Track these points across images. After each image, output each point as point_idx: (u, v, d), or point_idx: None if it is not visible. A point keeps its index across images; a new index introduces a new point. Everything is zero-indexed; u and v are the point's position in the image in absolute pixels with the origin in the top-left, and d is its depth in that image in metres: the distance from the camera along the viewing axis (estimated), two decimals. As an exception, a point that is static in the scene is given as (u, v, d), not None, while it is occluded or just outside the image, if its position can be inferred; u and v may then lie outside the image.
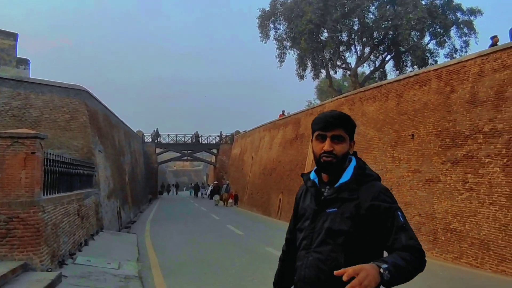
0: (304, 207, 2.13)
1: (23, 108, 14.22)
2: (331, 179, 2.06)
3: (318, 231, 2.00)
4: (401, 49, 29.86)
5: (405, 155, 13.47)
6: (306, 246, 2.03)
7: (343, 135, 2.01)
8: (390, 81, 15.70)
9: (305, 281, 1.99)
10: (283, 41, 32.02)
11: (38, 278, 6.90)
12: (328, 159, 1.98)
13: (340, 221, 1.95)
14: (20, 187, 7.76)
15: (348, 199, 1.96)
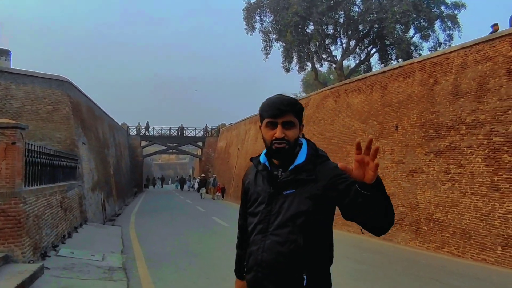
0: (256, 191, 2.09)
1: (3, 99, 13.99)
2: (283, 162, 2.04)
3: (275, 214, 1.98)
4: (386, 42, 30.03)
5: (389, 146, 13.58)
6: (263, 230, 2.00)
7: (293, 121, 2.00)
8: (375, 73, 15.78)
9: (263, 266, 1.97)
10: (269, 34, 31.95)
11: (20, 270, 6.81)
12: (280, 145, 1.97)
13: (300, 202, 1.94)
14: (0, 178, 7.64)
15: (306, 180, 1.96)
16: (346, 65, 35.77)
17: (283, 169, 2.02)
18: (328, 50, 32.46)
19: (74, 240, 11.23)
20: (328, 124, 17.87)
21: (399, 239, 12.22)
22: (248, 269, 2.06)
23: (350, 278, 7.61)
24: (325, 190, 1.93)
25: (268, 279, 1.96)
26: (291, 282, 1.93)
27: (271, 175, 2.04)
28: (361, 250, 10.97)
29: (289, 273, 1.93)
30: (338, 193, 1.88)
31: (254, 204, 2.08)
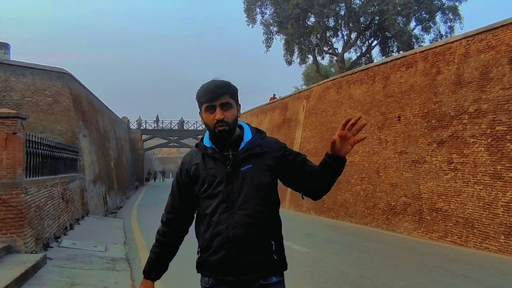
0: (211, 174, 2.13)
1: (2, 91, 13.95)
2: (229, 143, 2.14)
3: (238, 190, 2.07)
4: (387, 35, 29.92)
5: (391, 137, 13.53)
6: (228, 208, 2.07)
7: (230, 102, 2.11)
8: (377, 63, 15.70)
9: (235, 241, 2.04)
10: (270, 26, 31.81)
11: (22, 260, 6.80)
12: (222, 127, 2.07)
13: (259, 175, 2.09)
14: (1, 168, 7.61)
15: (260, 153, 2.11)
16: (347, 57, 35.69)
17: (232, 148, 2.13)
18: (329, 43, 32.33)
19: (76, 231, 11.23)
20: (330, 115, 17.81)
21: (401, 229, 12.20)
22: (215, 249, 2.09)
23: (354, 266, 7.60)
24: (277, 161, 2.12)
25: (242, 252, 2.04)
26: (262, 250, 2.07)
27: (223, 156, 2.12)
28: (364, 239, 10.96)
29: (260, 242, 2.07)
30: (287, 164, 2.12)
31: (211, 187, 2.12)
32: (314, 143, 18.82)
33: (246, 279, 2.07)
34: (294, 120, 21.84)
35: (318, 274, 7.04)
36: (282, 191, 21.32)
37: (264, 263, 2.07)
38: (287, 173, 2.14)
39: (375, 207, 13.72)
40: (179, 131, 46.17)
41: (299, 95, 22.51)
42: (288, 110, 23.24)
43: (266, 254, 2.08)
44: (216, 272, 2.11)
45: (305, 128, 20.01)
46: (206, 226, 2.13)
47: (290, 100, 23.40)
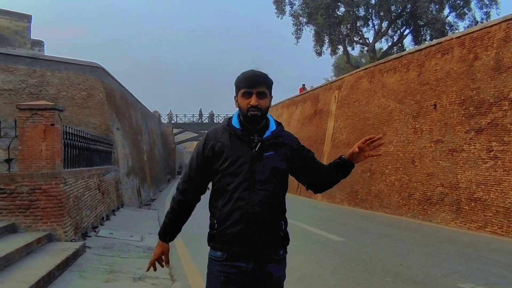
0: (237, 153, 2.29)
1: (39, 85, 14.30)
2: (255, 129, 2.33)
3: (261, 171, 2.26)
4: (420, 23, 29.18)
5: (427, 125, 13.22)
6: (249, 187, 2.25)
7: (266, 92, 2.31)
8: (411, 51, 15.35)
9: (253, 217, 2.23)
10: (299, 17, 31.51)
11: (63, 248, 6.95)
12: (254, 112, 2.27)
13: (277, 161, 2.31)
14: (41, 159, 7.79)
15: (282, 143, 2.35)
16: (378, 47, 35.05)
17: (258, 134, 2.32)
18: (359, 33, 31.80)
19: (112, 222, 11.43)
20: (363, 105, 17.55)
21: (438, 219, 11.93)
22: (234, 222, 2.25)
23: (392, 255, 7.47)
24: (293, 153, 2.39)
25: (257, 228, 2.23)
26: (275, 228, 2.31)
27: (250, 139, 2.31)
28: (400, 229, 10.76)
29: (273, 221, 2.30)
30: (300, 157, 2.41)
31: (235, 165, 2.28)
32: (346, 134, 18.60)
33: (259, 253, 2.26)
34: (326, 111, 21.63)
35: (356, 262, 6.94)
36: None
37: (274, 239, 2.30)
38: (299, 165, 2.42)
39: (410, 197, 13.46)
40: (210, 125, 46.47)
41: (330, 85, 22.27)
42: (319, 101, 23.04)
43: (277, 231, 2.31)
44: (232, 244, 2.27)
45: (337, 118, 19.80)
46: (226, 201, 2.29)
47: (322, 91, 23.19)
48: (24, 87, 13.73)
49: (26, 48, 27.18)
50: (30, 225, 7.42)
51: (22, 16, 28.53)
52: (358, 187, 16.80)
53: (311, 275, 6.19)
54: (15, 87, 13.58)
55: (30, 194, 7.50)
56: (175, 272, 6.75)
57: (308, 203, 19.09)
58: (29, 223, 7.43)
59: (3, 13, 27.34)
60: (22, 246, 6.21)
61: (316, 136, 22.39)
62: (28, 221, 7.43)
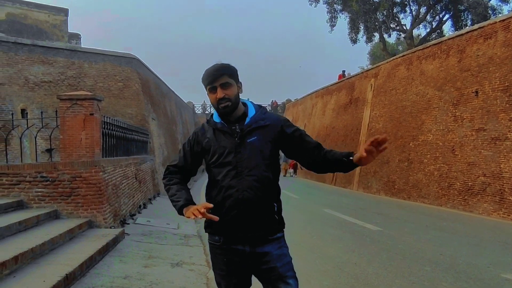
0: (221, 145, 2.42)
1: (78, 77, 14.71)
2: (236, 119, 2.45)
3: (247, 159, 2.37)
4: (460, 7, 28.30)
5: (468, 113, 12.89)
6: (237, 174, 2.36)
7: (229, 81, 2.40)
8: (451, 36, 14.96)
9: (245, 202, 2.34)
10: (334, 4, 31.12)
11: (103, 233, 7.19)
12: (224, 104, 2.38)
13: (264, 145, 2.40)
14: (81, 147, 8.05)
15: (264, 126, 2.42)
16: (416, 34, 34.26)
17: (239, 123, 2.43)
18: (396, 19, 31.13)
19: (149, 210, 11.71)
20: (400, 93, 17.26)
21: (480, 210, 11.67)
22: (227, 210, 2.36)
23: (432, 244, 7.38)
24: (278, 133, 2.44)
25: (250, 212, 2.34)
26: (267, 211, 2.40)
27: (231, 129, 2.42)
28: (440, 220, 10.59)
29: (266, 204, 2.39)
30: (286, 136, 2.46)
31: (222, 156, 2.41)
32: (383, 123, 18.35)
33: (253, 235, 2.38)
34: (362, 99, 21.38)
35: (394, 251, 6.89)
36: (350, 173, 21.05)
37: (267, 222, 2.41)
38: (287, 145, 2.49)
39: (450, 187, 13.20)
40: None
41: (366, 73, 21.97)
42: (355, 89, 22.78)
43: (270, 214, 2.41)
44: (226, 229, 2.40)
45: (374, 107, 19.54)
46: (217, 191, 2.42)
47: (357, 80, 22.91)
48: (63, 79, 14.16)
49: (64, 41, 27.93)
50: (72, 212, 7.71)
51: (59, 10, 29.29)
52: (395, 177, 16.58)
53: (349, 263, 6.20)
54: (55, 79, 14.01)
55: (71, 182, 7.78)
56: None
57: (343, 192, 19.01)
58: (70, 210, 7.71)
59: (41, 7, 28.16)
60: (65, 232, 6.47)
61: (352, 126, 22.18)
62: (70, 208, 7.72)
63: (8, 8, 26.42)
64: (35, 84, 13.54)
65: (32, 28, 27.26)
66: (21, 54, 13.32)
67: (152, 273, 5.77)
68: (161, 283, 5.29)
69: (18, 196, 7.57)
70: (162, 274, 5.82)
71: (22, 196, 7.60)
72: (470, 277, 5.40)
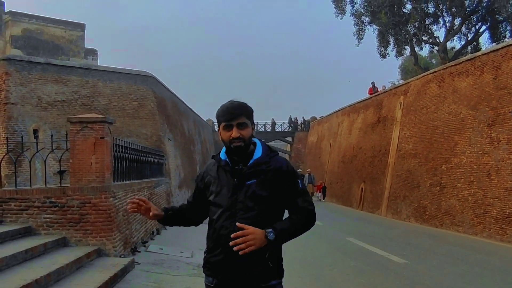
0: (221, 184, 2.53)
1: (91, 96, 15.07)
2: (242, 159, 2.51)
3: (242, 201, 2.44)
4: (499, 18, 28.05)
5: (505, 135, 12.71)
6: (231, 215, 2.45)
7: (246, 122, 2.49)
8: (486, 51, 14.85)
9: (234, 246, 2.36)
10: (361, 16, 31.19)
11: (112, 263, 7.31)
12: (238, 144, 2.45)
13: (261, 189, 2.45)
14: (91, 172, 8.23)
15: (265, 171, 2.48)
16: (450, 46, 34.01)
17: (243, 163, 2.50)
18: (429, 31, 30.97)
19: (163, 237, 11.82)
20: (431, 112, 17.13)
21: (518, 240, 11.42)
22: (218, 252, 2.47)
23: (462, 281, 7.28)
24: (280, 181, 2.49)
25: (239, 257, 2.35)
26: (257, 257, 2.39)
27: (233, 169, 2.51)
28: (474, 251, 10.40)
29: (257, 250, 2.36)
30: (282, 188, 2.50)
31: (219, 195, 2.52)
32: (413, 144, 18.20)
33: (243, 281, 2.44)
34: (390, 118, 21.28)
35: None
36: (378, 197, 20.86)
37: (259, 268, 2.43)
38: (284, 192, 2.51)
39: (486, 214, 12.96)
40: (265, 133, 46.69)
41: (395, 90, 21.90)
42: (383, 107, 22.70)
43: (260, 261, 2.42)
44: (217, 272, 2.49)
45: (403, 127, 19.42)
46: (212, 230, 2.53)
47: (386, 97, 22.84)
48: (77, 98, 14.54)
49: (80, 57, 28.75)
50: (81, 239, 7.86)
51: (76, 25, 30.19)
52: (426, 202, 16.36)
53: (369, 300, 6.15)
54: (68, 98, 14.41)
55: (80, 208, 7.95)
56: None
57: (370, 218, 18.83)
58: (79, 237, 7.87)
59: (57, 22, 29.10)
60: (72, 261, 6.60)
61: (380, 146, 22.05)
62: (79, 235, 7.87)
63: (25, 24, 27.39)
64: (48, 104, 13.95)
65: (48, 44, 28.14)
66: (35, 73, 13.76)
67: (160, 308, 5.84)
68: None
69: (27, 222, 7.78)
70: (171, 309, 5.88)
71: (30, 222, 7.80)
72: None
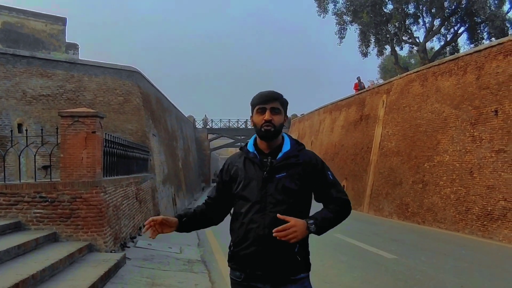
0: (249, 176, 2.51)
1: (77, 90, 14.85)
2: (270, 151, 2.53)
3: (272, 194, 2.44)
4: (477, 20, 28.54)
5: (487, 134, 12.95)
6: (261, 209, 2.43)
7: (279, 108, 2.52)
8: (469, 52, 15.09)
9: (264, 240, 2.39)
10: (343, 15, 31.37)
11: (104, 258, 7.22)
12: (268, 127, 2.46)
13: (291, 183, 2.45)
14: (82, 167, 8.11)
15: (295, 164, 2.48)
16: (429, 47, 34.45)
17: (271, 156, 2.50)
18: (409, 31, 31.32)
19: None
20: (414, 111, 17.35)
21: (500, 237, 11.65)
22: (247, 245, 2.45)
23: (452, 275, 7.38)
24: (310, 174, 2.50)
25: (269, 250, 2.39)
26: (287, 251, 2.40)
27: (262, 162, 2.50)
28: (458, 247, 10.58)
29: (285, 243, 2.35)
30: (312, 181, 2.52)
31: (247, 188, 2.50)
32: (396, 142, 18.41)
33: (272, 275, 2.42)
34: (373, 116, 21.48)
35: (411, 282, 6.90)
36: (360, 194, 21.05)
37: (288, 262, 2.43)
38: (313, 185, 2.54)
39: (468, 212, 13.20)
40: (246, 130, 46.73)
41: (378, 89, 22.10)
42: (365, 106, 22.90)
43: (290, 254, 2.42)
44: (246, 265, 2.47)
45: (386, 125, 19.62)
46: (240, 224, 2.50)
47: (368, 95, 23.04)
48: (62, 93, 14.30)
49: (61, 52, 28.24)
50: (71, 234, 7.75)
51: (57, 19, 29.64)
52: (408, 200, 16.58)
53: (364, 295, 6.21)
54: (53, 93, 14.15)
55: (71, 203, 7.83)
56: (217, 287, 6.91)
57: (353, 215, 18.82)
58: (70, 233, 7.76)
59: (38, 16, 28.52)
60: (65, 256, 6.50)
61: (362, 144, 22.24)
62: (69, 231, 7.76)
63: (4, 17, 26.78)
64: (32, 98, 13.68)
65: (29, 37, 27.58)
66: (19, 67, 13.47)
67: (157, 303, 5.80)
68: (168, 314, 5.32)
69: (16, 217, 7.63)
70: (168, 304, 5.85)
71: (20, 217, 7.65)
72: (495, 312, 5.42)
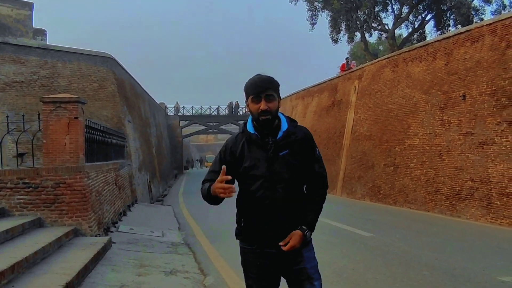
0: (254, 156, 2.65)
1: (51, 77, 14.67)
2: (270, 130, 2.65)
3: (279, 171, 2.61)
4: (443, 8, 29.19)
5: (455, 117, 13.44)
6: (270, 186, 2.61)
7: (273, 94, 2.61)
8: (438, 39, 15.54)
9: (277, 214, 2.60)
10: (314, 2, 31.61)
11: (91, 242, 7.32)
12: (265, 117, 2.58)
13: (293, 158, 2.64)
14: (65, 152, 8.14)
15: (294, 140, 2.65)
16: (398, 34, 35.01)
17: (271, 135, 2.64)
18: (378, 18, 31.79)
19: (130, 217, 11.81)
20: (385, 96, 17.79)
21: (468, 215, 12.20)
22: (259, 220, 2.64)
23: (426, 250, 7.77)
24: (305, 148, 2.69)
25: (282, 223, 2.60)
26: (298, 221, 2.64)
27: (264, 142, 2.64)
28: (430, 225, 11.05)
29: (297, 214, 2.64)
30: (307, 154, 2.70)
31: (255, 168, 2.64)
32: (368, 126, 18.85)
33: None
34: (345, 102, 21.87)
35: (389, 257, 7.26)
36: (333, 178, 21.49)
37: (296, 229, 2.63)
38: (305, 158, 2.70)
39: (437, 192, 13.73)
40: (218, 117, 46.73)
41: (350, 75, 22.46)
42: (338, 91, 23.27)
43: (299, 223, 2.64)
44: (256, 239, 2.68)
45: (358, 110, 20.04)
46: (251, 201, 2.66)
47: (340, 81, 23.40)
48: (36, 79, 14.11)
49: (29, 37, 27.60)
50: (56, 219, 7.80)
51: (23, 4, 28.93)
52: (380, 182, 17.07)
53: (346, 270, 6.52)
54: (27, 79, 13.95)
55: (55, 188, 7.86)
56: (204, 267, 7.11)
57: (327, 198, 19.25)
58: (54, 218, 7.80)
59: (4, 0, 27.77)
60: (53, 240, 6.58)
61: (335, 129, 22.65)
62: (54, 216, 7.80)
63: (-32, 2, 26.01)
64: (6, 85, 13.47)
65: (-6, 23, 26.88)
66: (-9, 53, 13.25)
67: (147, 282, 5.96)
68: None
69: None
70: (158, 283, 6.01)
71: (3, 203, 7.65)
72: (468, 280, 5.80)
